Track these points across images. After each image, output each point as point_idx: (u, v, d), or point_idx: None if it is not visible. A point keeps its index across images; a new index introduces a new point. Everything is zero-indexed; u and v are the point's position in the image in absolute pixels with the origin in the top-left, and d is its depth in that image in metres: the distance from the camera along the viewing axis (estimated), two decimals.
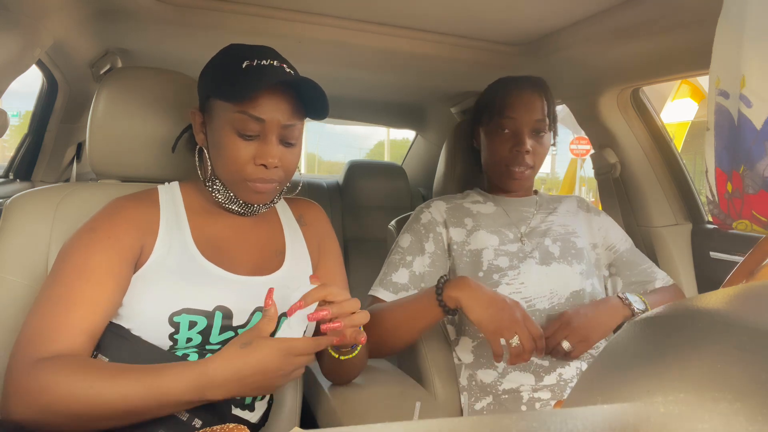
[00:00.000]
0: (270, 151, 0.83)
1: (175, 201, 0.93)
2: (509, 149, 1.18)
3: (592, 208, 1.32)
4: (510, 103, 1.18)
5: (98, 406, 0.68)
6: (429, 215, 1.23)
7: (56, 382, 0.69)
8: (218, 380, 0.72)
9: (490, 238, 1.18)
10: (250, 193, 0.88)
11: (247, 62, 0.82)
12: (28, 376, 0.70)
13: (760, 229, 0.60)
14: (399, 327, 1.07)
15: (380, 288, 1.17)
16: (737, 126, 0.58)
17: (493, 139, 1.21)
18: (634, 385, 0.23)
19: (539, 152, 1.19)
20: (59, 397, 0.68)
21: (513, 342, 0.92)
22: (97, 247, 0.80)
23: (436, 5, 1.20)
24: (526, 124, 1.17)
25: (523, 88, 1.19)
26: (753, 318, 0.23)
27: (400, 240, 1.23)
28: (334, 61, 1.62)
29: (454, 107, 2.26)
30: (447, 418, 0.22)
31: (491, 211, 1.23)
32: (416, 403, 0.85)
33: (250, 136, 0.83)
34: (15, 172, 1.81)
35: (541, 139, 1.19)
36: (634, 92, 1.60)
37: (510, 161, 1.18)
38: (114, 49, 1.54)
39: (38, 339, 0.73)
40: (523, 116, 1.17)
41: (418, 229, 1.22)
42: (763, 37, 0.54)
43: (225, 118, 0.83)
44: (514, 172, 1.18)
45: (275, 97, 0.82)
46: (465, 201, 1.26)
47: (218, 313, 0.84)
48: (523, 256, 1.16)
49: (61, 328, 0.74)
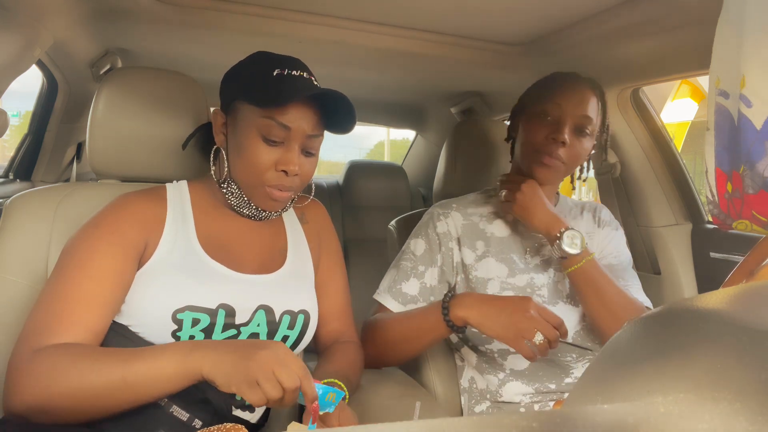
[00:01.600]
0: (292, 159, 0.85)
1: (183, 199, 0.93)
2: (545, 136, 1.10)
3: (604, 219, 1.25)
4: (561, 92, 1.11)
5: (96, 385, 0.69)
6: (445, 226, 1.18)
7: (53, 366, 0.69)
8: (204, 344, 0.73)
9: (498, 268, 1.13)
10: (266, 199, 0.88)
11: (277, 71, 0.85)
12: (28, 365, 0.71)
13: (760, 229, 0.60)
14: (404, 341, 1.06)
15: (388, 296, 1.14)
16: (737, 126, 0.58)
17: (532, 125, 1.13)
18: (634, 385, 0.23)
19: (576, 151, 1.10)
20: (57, 383, 0.68)
21: (537, 340, 0.90)
22: (102, 243, 0.81)
23: (436, 5, 1.20)
24: (572, 116, 1.09)
25: (578, 83, 1.13)
26: (753, 318, 0.23)
27: (413, 245, 1.19)
28: (334, 61, 1.62)
29: (454, 107, 2.26)
30: (447, 418, 0.22)
31: (504, 235, 1.18)
32: (416, 403, 0.85)
33: (274, 142, 0.85)
34: (15, 172, 1.81)
35: (583, 138, 1.10)
36: (634, 92, 1.60)
37: (544, 147, 1.10)
38: (114, 49, 1.54)
39: (39, 332, 0.74)
40: (569, 106, 1.09)
41: (433, 237, 1.17)
42: (763, 37, 0.54)
43: (251, 122, 0.85)
44: (546, 158, 1.10)
45: (303, 107, 0.85)
46: (482, 211, 1.21)
47: (221, 311, 0.84)
48: (531, 291, 1.12)
49: (62, 322, 0.75)
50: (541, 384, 1.07)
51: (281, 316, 0.90)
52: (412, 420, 0.82)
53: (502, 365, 1.09)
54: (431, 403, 1.05)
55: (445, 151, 1.48)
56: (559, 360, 1.09)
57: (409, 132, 3.04)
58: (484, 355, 1.12)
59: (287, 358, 0.70)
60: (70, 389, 0.68)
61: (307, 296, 0.96)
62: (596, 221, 1.25)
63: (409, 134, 3.13)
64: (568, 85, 1.12)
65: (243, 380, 0.67)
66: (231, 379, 0.68)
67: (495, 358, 1.10)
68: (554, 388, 1.07)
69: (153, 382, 0.70)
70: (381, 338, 1.08)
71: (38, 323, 0.75)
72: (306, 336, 0.95)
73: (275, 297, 0.90)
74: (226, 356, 0.70)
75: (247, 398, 0.68)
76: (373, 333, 1.10)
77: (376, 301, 1.17)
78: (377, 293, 1.17)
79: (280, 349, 0.71)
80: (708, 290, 0.30)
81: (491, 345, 1.10)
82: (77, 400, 0.69)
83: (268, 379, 0.67)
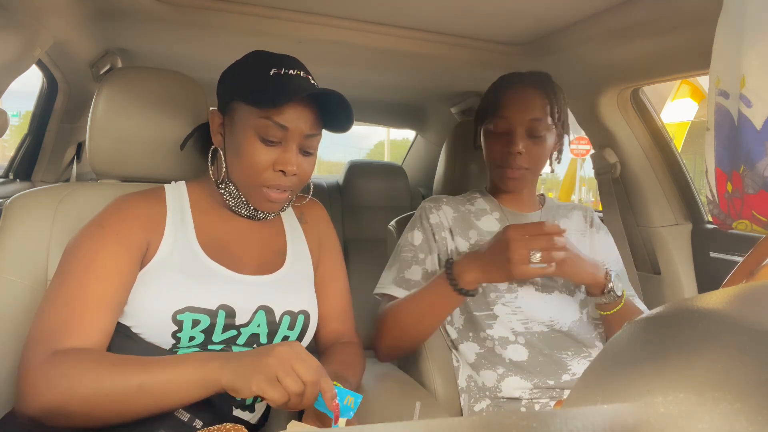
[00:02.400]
0: (290, 159, 0.85)
1: (182, 200, 0.93)
2: (501, 149, 1.13)
3: (597, 222, 1.28)
4: (505, 102, 1.12)
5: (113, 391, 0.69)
6: (437, 217, 1.20)
7: (71, 371, 0.69)
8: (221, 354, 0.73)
9: None
10: (263, 201, 0.88)
11: (274, 70, 0.84)
12: (44, 368, 0.70)
13: (760, 229, 0.60)
14: (417, 322, 1.05)
15: (393, 285, 1.14)
16: (737, 126, 0.58)
17: (489, 139, 1.17)
18: (634, 385, 0.23)
19: (536, 153, 1.13)
20: (74, 387, 0.68)
21: (534, 258, 0.90)
22: (106, 243, 0.81)
23: (436, 5, 1.20)
24: (520, 124, 1.11)
25: (520, 85, 1.14)
26: (753, 318, 0.23)
27: (409, 237, 1.20)
28: (334, 61, 1.62)
29: (454, 107, 2.26)
30: (447, 418, 0.22)
31: (495, 230, 1.19)
32: (416, 403, 0.85)
33: (272, 142, 0.85)
34: (15, 172, 1.81)
35: (539, 140, 1.12)
36: (634, 92, 1.60)
37: (503, 162, 1.14)
38: (114, 49, 1.54)
39: (53, 334, 0.74)
40: (516, 115, 1.11)
41: (427, 227, 1.19)
42: (763, 37, 0.54)
43: (248, 123, 0.84)
44: (508, 172, 1.13)
45: (301, 107, 0.84)
46: (471, 208, 1.23)
47: (221, 312, 0.84)
48: (524, 279, 1.13)
49: (75, 324, 0.75)
50: (539, 379, 1.07)
51: (281, 316, 0.90)
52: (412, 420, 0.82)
53: (501, 355, 1.10)
54: (431, 403, 1.05)
55: (445, 151, 1.48)
56: (555, 356, 1.09)
57: (409, 132, 3.04)
58: (484, 345, 1.12)
59: (304, 353, 0.71)
60: (86, 394, 0.68)
61: (306, 296, 0.96)
62: (588, 222, 1.27)
63: (409, 134, 3.13)
64: (512, 93, 1.13)
65: (264, 378, 0.67)
66: (251, 379, 0.68)
67: (494, 348, 1.10)
68: (553, 384, 1.07)
69: (170, 391, 0.70)
70: (395, 324, 1.07)
71: (51, 325, 0.75)
72: (306, 336, 0.95)
73: (275, 297, 0.90)
74: (245, 359, 0.70)
75: (268, 396, 0.67)
76: (386, 322, 1.09)
77: (382, 296, 1.16)
78: (381, 286, 1.17)
79: (297, 345, 0.72)
80: (708, 290, 0.30)
81: (492, 331, 1.10)
82: (93, 405, 0.69)
83: (288, 374, 0.68)
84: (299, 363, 0.69)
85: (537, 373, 1.08)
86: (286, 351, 0.70)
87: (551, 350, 1.10)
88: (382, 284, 1.17)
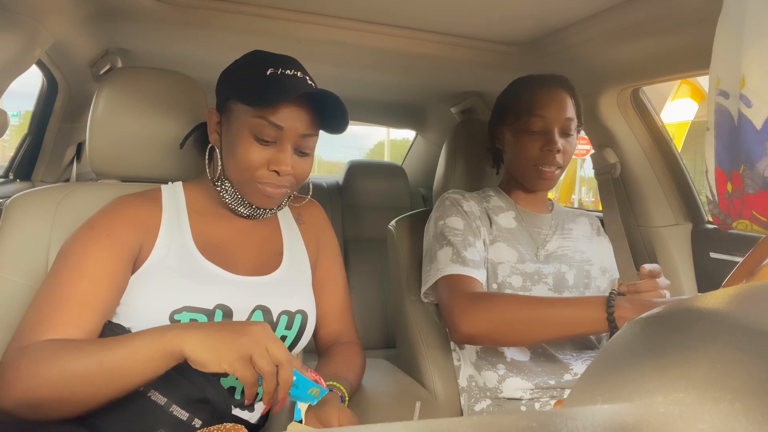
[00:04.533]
0: (284, 159, 0.85)
1: (178, 201, 0.93)
2: (540, 148, 1.15)
3: (601, 231, 1.32)
4: (540, 102, 1.15)
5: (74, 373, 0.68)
6: (469, 206, 1.19)
7: (35, 359, 0.69)
8: (183, 325, 0.71)
9: (509, 253, 1.15)
10: (258, 195, 0.88)
11: (271, 70, 0.84)
12: (13, 362, 0.70)
13: (760, 229, 0.60)
14: (542, 325, 0.98)
15: (458, 265, 1.08)
16: (737, 126, 0.58)
17: (522, 139, 1.17)
18: (634, 385, 0.23)
19: (568, 151, 1.17)
20: (39, 372, 0.68)
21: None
22: (95, 246, 0.81)
23: (436, 5, 1.20)
24: (557, 123, 1.14)
25: (552, 86, 1.17)
26: (753, 318, 0.23)
27: (450, 222, 1.15)
28: (334, 61, 1.62)
29: (454, 107, 2.26)
30: (447, 418, 0.22)
31: (512, 227, 1.20)
32: (416, 403, 0.85)
33: (266, 142, 0.84)
34: (15, 172, 1.81)
35: (570, 138, 1.17)
36: (634, 92, 1.60)
37: (540, 161, 1.15)
38: (114, 49, 1.54)
39: (29, 330, 0.74)
40: (553, 115, 1.14)
41: (463, 213, 1.17)
42: (763, 37, 0.54)
43: (243, 122, 0.84)
44: (544, 172, 1.15)
45: (296, 107, 0.84)
46: (487, 205, 1.23)
47: (219, 312, 0.84)
48: (538, 279, 1.14)
49: (53, 320, 0.74)
50: (540, 379, 1.07)
51: (279, 316, 0.90)
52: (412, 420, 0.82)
53: (503, 354, 1.10)
54: (431, 403, 1.05)
55: (445, 151, 1.48)
56: (557, 356, 1.09)
57: (409, 132, 3.04)
58: (484, 350, 1.12)
59: (275, 336, 0.71)
60: (50, 379, 0.68)
61: (304, 296, 0.96)
62: (594, 229, 1.31)
63: (409, 134, 3.13)
64: (546, 93, 1.16)
65: (237, 357, 0.66)
66: (222, 356, 0.66)
67: (496, 347, 1.10)
68: (554, 384, 1.07)
69: (130, 364, 0.68)
70: (506, 316, 0.99)
71: (29, 322, 0.75)
72: (304, 336, 0.95)
73: (272, 298, 0.90)
74: (215, 333, 0.68)
75: (239, 375, 0.66)
76: (490, 308, 1.00)
77: (442, 279, 1.09)
78: (440, 271, 1.09)
79: (268, 326, 0.71)
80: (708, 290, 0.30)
81: None
82: (58, 389, 0.68)
83: (262, 356, 0.67)
84: (273, 344, 0.68)
85: (538, 373, 1.08)
86: (261, 332, 0.69)
87: (554, 350, 1.10)
88: (440, 269, 1.10)
